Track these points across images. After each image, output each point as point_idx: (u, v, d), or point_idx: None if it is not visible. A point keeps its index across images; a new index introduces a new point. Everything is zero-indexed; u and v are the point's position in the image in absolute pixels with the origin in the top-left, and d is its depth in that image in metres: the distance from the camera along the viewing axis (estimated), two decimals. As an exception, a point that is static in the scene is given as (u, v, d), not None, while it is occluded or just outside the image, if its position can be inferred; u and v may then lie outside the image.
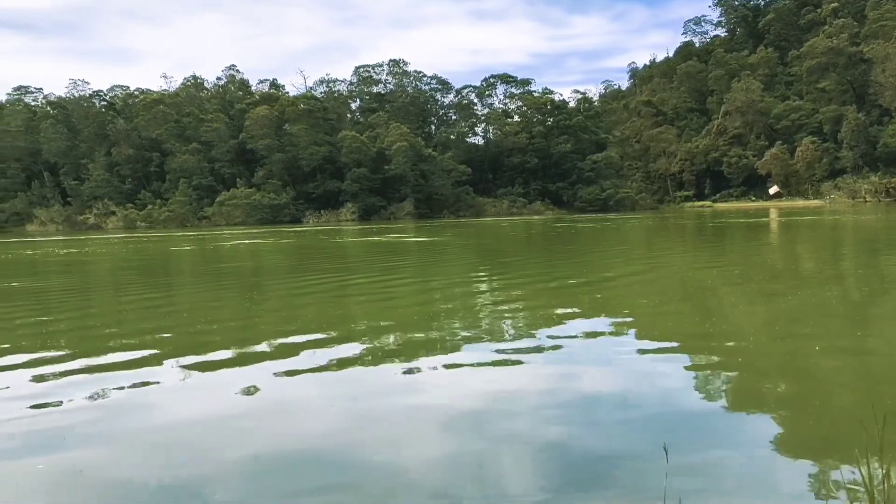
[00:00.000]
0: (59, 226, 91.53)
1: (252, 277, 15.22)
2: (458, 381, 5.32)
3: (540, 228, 40.49)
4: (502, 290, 11.13)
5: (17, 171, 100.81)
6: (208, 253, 25.15)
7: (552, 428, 4.16)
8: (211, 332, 7.71)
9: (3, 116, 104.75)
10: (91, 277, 15.97)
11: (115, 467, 3.67)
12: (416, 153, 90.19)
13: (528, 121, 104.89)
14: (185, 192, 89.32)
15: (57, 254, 27.22)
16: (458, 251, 21.82)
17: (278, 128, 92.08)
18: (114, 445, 4.03)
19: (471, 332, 7.21)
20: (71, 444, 4.02)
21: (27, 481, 3.48)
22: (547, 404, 4.66)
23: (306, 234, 42.49)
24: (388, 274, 14.73)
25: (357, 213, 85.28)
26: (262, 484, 3.42)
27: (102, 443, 4.07)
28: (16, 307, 10.36)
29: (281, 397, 5.05)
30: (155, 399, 4.98)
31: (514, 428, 4.17)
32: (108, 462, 3.75)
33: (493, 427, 4.20)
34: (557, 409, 4.53)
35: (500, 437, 4.00)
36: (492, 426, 4.22)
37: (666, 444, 3.09)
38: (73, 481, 3.47)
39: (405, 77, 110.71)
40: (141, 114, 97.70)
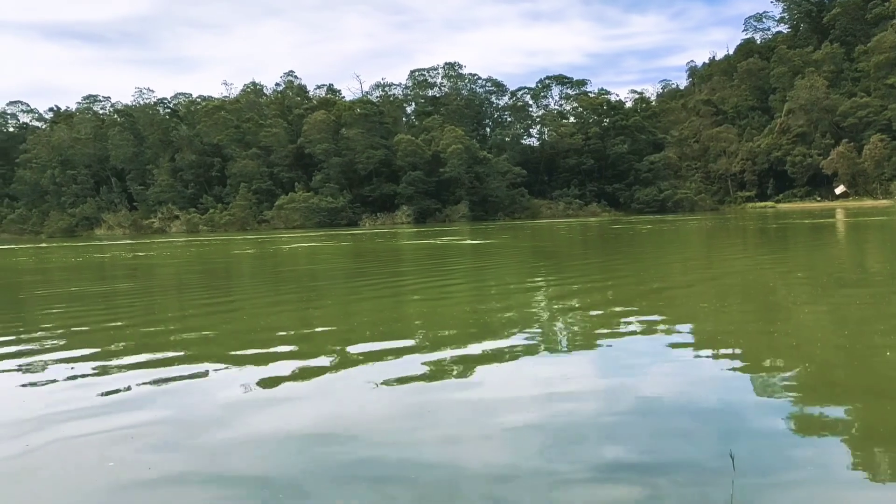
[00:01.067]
0: (126, 230, 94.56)
1: (310, 280, 15.48)
2: (514, 384, 5.33)
3: (596, 230, 40.08)
4: (558, 292, 11.08)
5: (86, 178, 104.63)
6: (268, 256, 25.65)
7: (610, 432, 4.13)
8: (270, 334, 7.87)
9: (74, 125, 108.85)
10: (157, 280, 16.48)
11: (179, 465, 3.80)
12: (471, 155, 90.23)
13: (583, 122, 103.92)
14: (245, 197, 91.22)
15: (124, 257, 28.13)
16: (513, 253, 21.77)
17: (335, 132, 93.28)
18: (178, 443, 4.16)
19: (527, 333, 7.20)
20: (138, 442, 4.17)
21: (98, 479, 3.64)
22: (605, 408, 4.63)
23: (362, 236, 42.96)
24: (444, 276, 14.80)
25: (412, 216, 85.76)
26: (322, 477, 3.49)
27: (167, 441, 4.21)
28: (87, 310, 10.77)
29: (338, 394, 5.13)
30: (216, 400, 5.12)
31: (571, 431, 4.16)
32: (173, 460, 3.88)
33: (549, 429, 4.20)
34: (615, 414, 4.50)
35: (556, 440, 4.00)
36: (548, 428, 4.21)
37: (732, 452, 3.04)
38: (140, 479, 3.60)
39: (460, 80, 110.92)
40: (203, 120, 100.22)
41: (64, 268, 22.00)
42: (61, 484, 3.55)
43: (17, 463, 3.85)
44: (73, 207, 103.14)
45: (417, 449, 3.93)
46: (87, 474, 3.66)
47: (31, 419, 4.64)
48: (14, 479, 3.62)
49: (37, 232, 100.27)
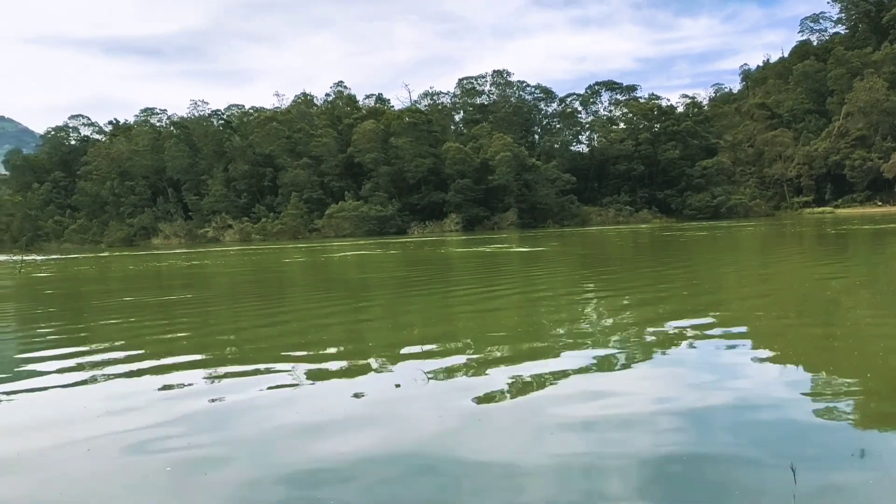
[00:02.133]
0: (182, 239, 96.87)
1: (360, 289, 15.60)
2: (566, 391, 5.26)
3: (647, 237, 39.51)
4: (609, 299, 10.94)
5: (144, 188, 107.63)
6: (318, 264, 25.95)
7: (664, 441, 4.04)
8: (321, 341, 7.95)
9: (132, 137, 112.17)
10: (212, 289, 16.81)
11: (234, 468, 3.85)
12: (520, 163, 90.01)
13: (634, 127, 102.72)
14: (297, 206, 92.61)
15: (180, 266, 28.79)
16: (563, 261, 21.60)
17: (384, 141, 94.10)
18: (233, 447, 4.22)
19: (577, 341, 7.12)
20: (195, 447, 4.24)
21: (156, 482, 3.70)
22: (658, 417, 4.53)
23: (411, 244, 43.17)
24: (493, 284, 14.75)
25: (461, 224, 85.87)
26: (374, 484, 3.49)
27: (223, 445, 4.27)
28: (146, 318, 11.03)
29: (390, 402, 5.14)
30: (270, 404, 5.18)
31: (624, 439, 4.08)
32: (229, 463, 3.93)
33: (602, 437, 4.13)
34: (669, 422, 4.40)
35: (609, 449, 3.93)
36: (601, 436, 4.15)
37: (793, 464, 2.94)
38: (197, 483, 3.66)
39: (508, 87, 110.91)
40: (255, 131, 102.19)
41: (123, 277, 22.62)
42: (122, 485, 3.63)
43: (79, 464, 3.95)
44: (131, 218, 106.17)
45: (466, 457, 3.90)
46: (145, 477, 3.73)
47: (93, 423, 4.76)
48: (78, 480, 3.72)
49: (97, 241, 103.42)
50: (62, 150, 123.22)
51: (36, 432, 4.64)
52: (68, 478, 3.77)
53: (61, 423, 4.82)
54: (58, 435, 4.55)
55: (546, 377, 5.65)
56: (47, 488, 3.65)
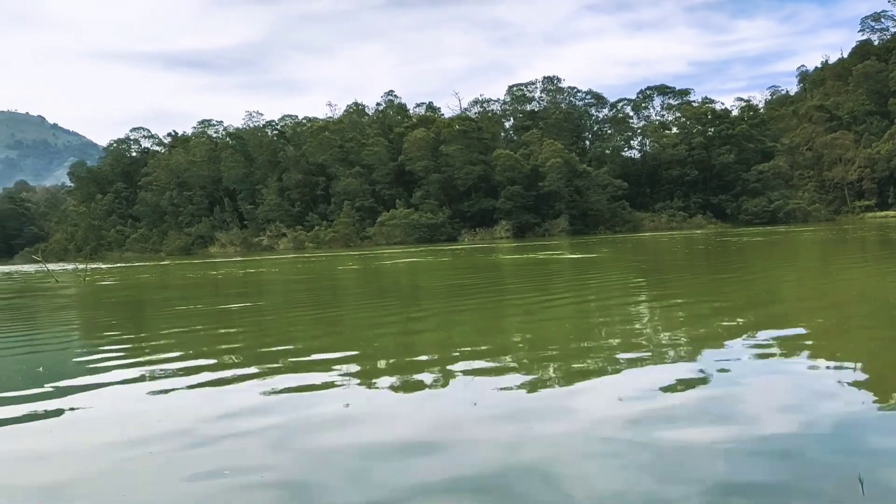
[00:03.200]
0: (237, 247, 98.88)
1: (412, 295, 15.71)
2: (617, 401, 5.22)
3: (702, 243, 38.81)
4: (662, 308, 10.80)
5: (201, 198, 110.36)
6: (371, 272, 26.21)
7: (721, 454, 3.98)
8: (374, 348, 8.04)
9: (190, 148, 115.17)
10: (266, 296, 17.14)
11: (286, 473, 3.93)
12: (571, 169, 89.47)
13: (687, 132, 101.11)
14: (349, 214, 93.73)
15: (236, 274, 29.40)
16: (614, 268, 21.38)
17: (435, 149, 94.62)
18: (286, 453, 4.30)
19: (629, 350, 7.05)
20: (251, 455, 4.34)
21: (214, 483, 3.81)
22: (714, 430, 4.46)
23: (462, 252, 43.23)
24: (544, 292, 14.69)
25: (511, 231, 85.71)
26: (424, 490, 3.53)
27: (277, 451, 4.36)
28: (204, 324, 11.31)
29: (438, 409, 5.17)
30: (321, 411, 5.26)
31: (678, 454, 4.03)
32: (282, 470, 4.02)
33: (655, 451, 4.09)
34: (726, 435, 4.33)
35: (662, 462, 3.90)
36: (654, 450, 4.11)
37: (861, 476, 2.87)
38: (252, 483, 3.75)
39: (559, 93, 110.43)
40: (308, 140, 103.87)
41: (182, 285, 23.22)
42: (180, 487, 3.74)
43: (140, 466, 4.09)
44: (189, 227, 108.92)
45: (516, 465, 3.92)
46: (203, 478, 3.84)
47: (151, 427, 4.91)
48: (139, 481, 3.85)
49: (157, 250, 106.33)
50: (124, 161, 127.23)
51: (99, 435, 4.81)
52: (131, 480, 3.91)
53: (124, 426, 4.99)
54: (121, 438, 4.71)
55: (600, 390, 5.63)
56: (110, 488, 3.79)
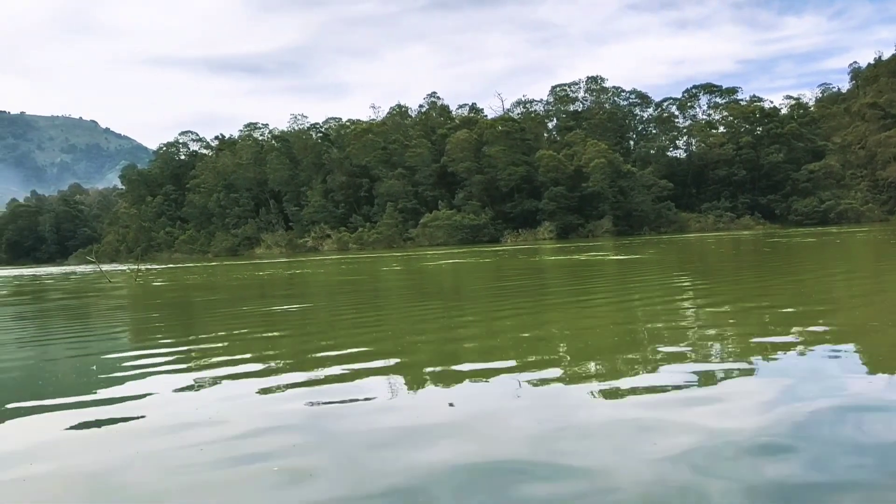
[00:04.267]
0: (283, 248, 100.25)
1: (453, 296, 15.76)
2: (662, 405, 5.19)
3: (750, 244, 38.08)
4: (708, 311, 10.65)
5: (247, 200, 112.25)
6: (413, 273, 26.34)
7: (770, 462, 3.93)
8: (416, 348, 8.10)
9: (237, 151, 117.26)
10: (311, 298, 17.36)
11: (334, 471, 4.00)
12: (615, 169, 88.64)
13: (734, 131, 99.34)
14: (392, 215, 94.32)
15: (282, 275, 29.83)
16: (659, 269, 21.12)
17: (477, 150, 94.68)
18: (331, 451, 4.39)
19: (674, 354, 6.98)
20: (299, 449, 4.43)
21: (262, 481, 3.90)
22: (763, 436, 4.40)
23: (505, 253, 43.14)
24: (587, 293, 14.60)
25: (554, 232, 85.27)
26: (468, 491, 3.57)
27: (323, 449, 4.44)
28: (249, 323, 11.52)
29: (484, 411, 5.20)
30: (367, 409, 5.33)
31: (725, 461, 4.00)
32: (329, 466, 4.10)
33: (700, 457, 4.06)
34: (775, 442, 4.26)
35: (709, 469, 3.87)
36: (699, 456, 4.08)
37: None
38: (303, 483, 3.83)
39: (602, 93, 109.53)
40: (352, 143, 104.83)
41: (229, 286, 23.66)
42: (230, 485, 3.84)
43: (193, 462, 4.21)
44: (235, 228, 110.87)
45: (562, 469, 3.93)
46: (252, 477, 3.94)
47: (204, 425, 5.04)
48: (192, 478, 3.97)
49: (204, 251, 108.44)
50: (173, 164, 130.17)
51: (151, 432, 4.96)
52: (183, 476, 4.03)
53: (175, 424, 5.13)
54: (172, 435, 4.85)
55: (643, 390, 5.60)
56: (164, 485, 3.91)
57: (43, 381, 6.89)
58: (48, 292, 25.16)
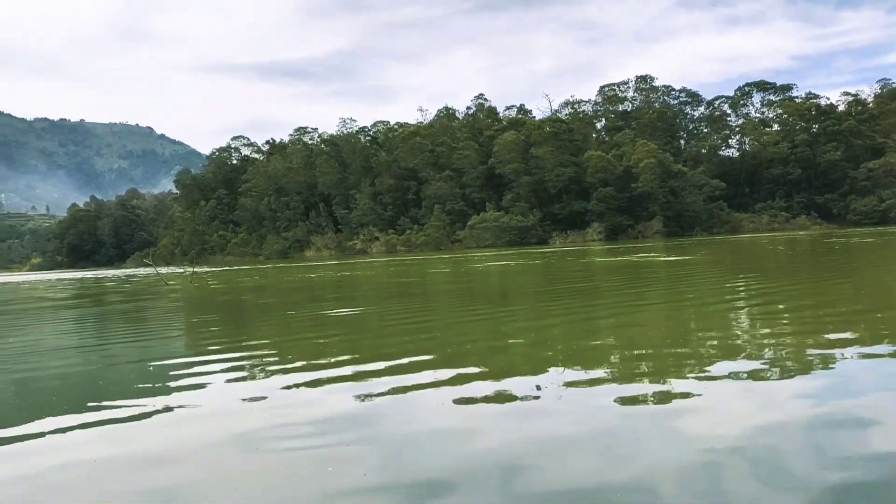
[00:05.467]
0: (332, 251, 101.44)
1: (501, 298, 15.76)
2: (716, 410, 5.13)
3: (807, 245, 37.14)
4: (763, 313, 10.45)
5: (297, 204, 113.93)
6: (461, 274, 26.40)
7: (834, 471, 3.87)
8: (463, 350, 8.14)
9: (287, 155, 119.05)
10: (360, 300, 17.55)
11: (381, 469, 4.08)
12: (665, 169, 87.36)
13: (789, 129, 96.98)
14: (440, 217, 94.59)
15: (332, 277, 30.21)
16: (712, 271, 20.77)
17: (525, 151, 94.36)
18: (382, 448, 4.46)
19: (727, 358, 6.89)
20: (347, 444, 4.52)
21: (319, 484, 4.00)
22: (821, 442, 4.34)
23: (553, 254, 42.91)
24: (638, 295, 14.46)
25: (604, 233, 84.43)
26: (511, 494, 3.59)
27: (372, 445, 4.52)
28: (301, 326, 11.71)
29: (531, 418, 5.21)
30: (412, 408, 5.40)
31: (784, 468, 3.95)
32: (376, 464, 4.18)
33: (757, 464, 4.01)
34: (835, 450, 4.19)
35: (766, 478, 3.82)
36: (756, 463, 4.03)
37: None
38: (356, 485, 3.92)
39: (652, 92, 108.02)
40: (400, 146, 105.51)
41: (281, 287, 24.06)
42: (286, 486, 3.95)
43: (246, 459, 4.34)
44: (286, 231, 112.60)
45: (612, 478, 3.93)
46: (307, 479, 4.04)
47: (255, 420, 5.18)
48: (244, 473, 4.09)
49: (256, 254, 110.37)
50: (225, 169, 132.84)
51: (204, 427, 5.11)
52: (236, 470, 4.16)
53: (227, 420, 5.28)
54: (224, 431, 4.99)
55: (695, 394, 5.55)
56: (217, 478, 4.04)
57: (104, 382, 7.15)
58: (110, 294, 25.97)
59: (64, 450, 4.80)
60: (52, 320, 15.78)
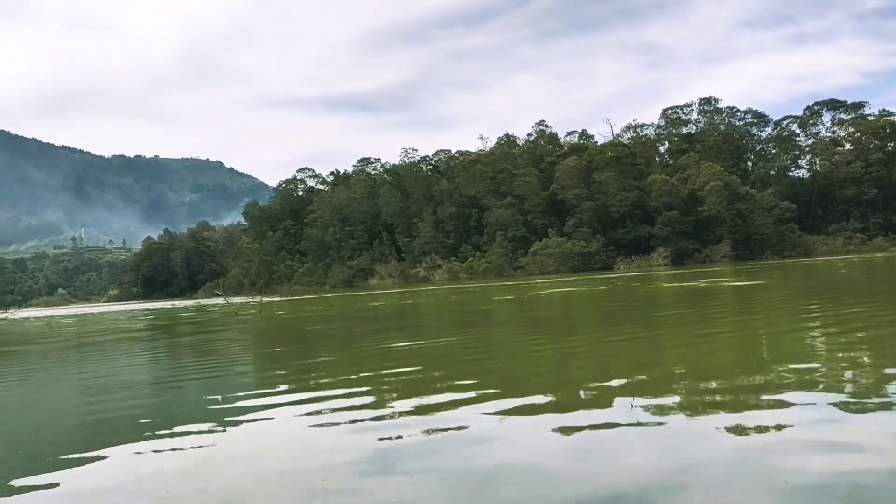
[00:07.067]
0: (395, 279, 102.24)
1: (565, 325, 15.60)
2: (791, 440, 4.95)
3: (886, 267, 35.66)
4: (840, 340, 10.04)
5: (361, 233, 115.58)
6: (524, 301, 26.26)
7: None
8: (526, 378, 8.08)
9: (351, 185, 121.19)
10: (423, 330, 17.64)
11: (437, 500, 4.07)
12: (732, 192, 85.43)
13: (862, 148, 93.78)
14: (502, 244, 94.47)
15: (397, 305, 30.44)
16: (785, 296, 20.11)
17: (587, 176, 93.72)
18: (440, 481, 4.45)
19: (801, 385, 6.64)
20: (413, 482, 4.52)
21: None
22: None
23: (618, 280, 42.29)
24: (706, 321, 14.11)
25: (669, 258, 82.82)
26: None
27: (438, 475, 4.51)
28: (365, 357, 11.82)
29: (599, 442, 5.13)
30: (474, 437, 5.38)
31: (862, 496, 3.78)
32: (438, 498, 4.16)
33: (835, 491, 3.86)
34: None
35: None
36: (834, 491, 3.87)
37: None
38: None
39: (717, 114, 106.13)
40: (461, 174, 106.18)
41: (347, 316, 24.37)
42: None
43: (317, 488, 4.39)
44: (350, 260, 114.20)
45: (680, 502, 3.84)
46: None
47: (320, 466, 5.23)
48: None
49: (321, 283, 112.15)
50: (291, 200, 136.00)
51: (273, 459, 5.20)
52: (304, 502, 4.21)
53: (295, 458, 5.35)
54: (295, 463, 5.06)
55: (770, 426, 5.36)
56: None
57: (174, 412, 7.35)
58: (184, 325, 26.76)
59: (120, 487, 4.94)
60: (132, 352, 16.36)
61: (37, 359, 16.11)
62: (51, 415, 7.74)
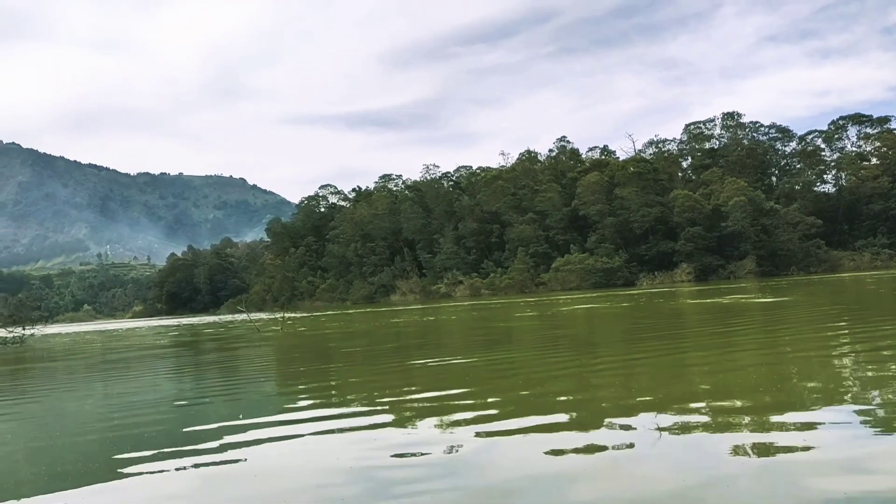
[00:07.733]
0: (417, 295, 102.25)
1: (588, 343, 15.50)
2: (817, 459, 4.88)
3: (914, 284, 35.02)
4: (868, 359, 9.88)
5: (383, 249, 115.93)
6: (546, 318, 26.14)
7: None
8: (548, 395, 8.03)
9: (373, 202, 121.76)
10: (444, 348, 17.61)
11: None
12: (756, 207, 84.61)
13: (889, 162, 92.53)
14: (523, 260, 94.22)
15: (419, 321, 30.44)
16: (811, 313, 19.83)
17: (609, 192, 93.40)
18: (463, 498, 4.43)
19: (828, 405, 6.54)
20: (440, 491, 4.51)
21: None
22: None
23: (641, 296, 41.97)
24: (731, 338, 13.95)
25: (693, 274, 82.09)
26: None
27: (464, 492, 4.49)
28: (385, 375, 11.81)
29: (624, 460, 5.09)
30: (496, 456, 5.35)
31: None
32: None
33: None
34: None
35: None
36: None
37: None
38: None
39: (740, 129, 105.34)
40: (482, 190, 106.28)
41: (369, 332, 24.41)
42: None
43: None
44: (372, 276, 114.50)
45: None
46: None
47: (341, 476, 5.23)
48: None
49: (343, 299, 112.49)
50: (313, 217, 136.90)
51: (295, 477, 5.20)
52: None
53: (319, 471, 5.35)
54: (315, 481, 5.06)
55: (797, 446, 5.28)
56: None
57: (197, 430, 7.39)
58: (207, 342, 26.95)
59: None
60: (156, 368, 16.50)
61: (63, 374, 16.31)
62: (74, 431, 7.81)
